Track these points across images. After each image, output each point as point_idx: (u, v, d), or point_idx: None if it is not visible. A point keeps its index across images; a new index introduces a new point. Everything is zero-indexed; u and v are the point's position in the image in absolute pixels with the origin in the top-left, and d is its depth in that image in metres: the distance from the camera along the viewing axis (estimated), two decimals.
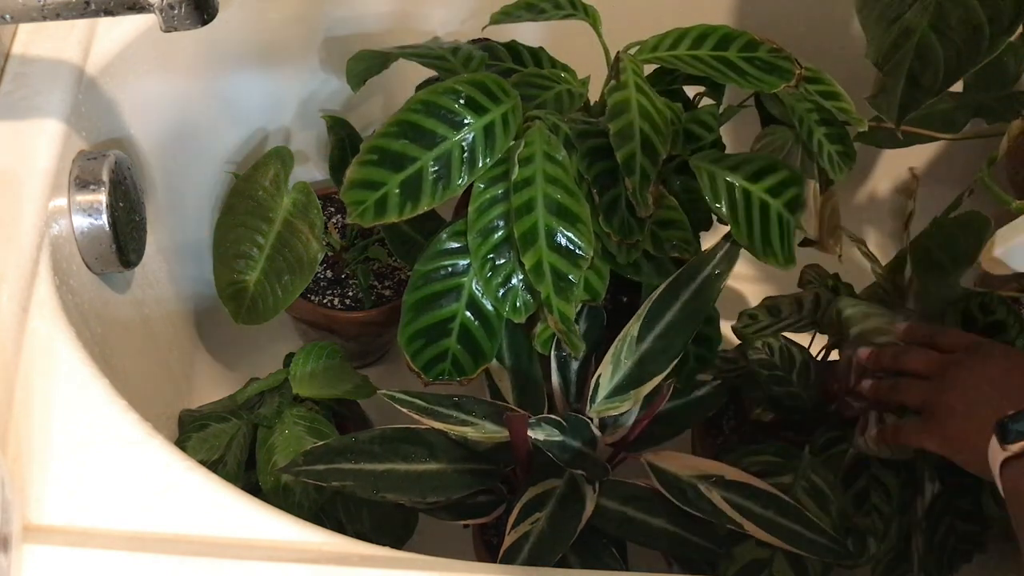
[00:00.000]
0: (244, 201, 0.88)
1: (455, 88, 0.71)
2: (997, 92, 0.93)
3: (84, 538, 0.54)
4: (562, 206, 0.72)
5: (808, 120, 0.81)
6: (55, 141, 0.69)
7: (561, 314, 0.72)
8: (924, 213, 0.85)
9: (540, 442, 0.68)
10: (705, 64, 0.77)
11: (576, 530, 0.67)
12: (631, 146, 0.73)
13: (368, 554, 0.56)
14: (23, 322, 0.61)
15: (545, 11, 0.82)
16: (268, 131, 1.04)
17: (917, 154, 1.13)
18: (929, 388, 0.69)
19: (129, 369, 0.77)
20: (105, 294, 0.75)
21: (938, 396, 0.68)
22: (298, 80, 1.02)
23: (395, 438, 0.71)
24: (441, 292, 0.73)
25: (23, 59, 0.73)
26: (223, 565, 0.53)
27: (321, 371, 0.86)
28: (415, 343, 0.73)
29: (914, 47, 0.79)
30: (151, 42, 0.83)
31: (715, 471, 0.72)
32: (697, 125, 0.83)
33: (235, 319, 0.87)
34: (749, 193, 0.78)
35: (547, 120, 0.75)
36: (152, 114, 0.86)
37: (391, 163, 0.70)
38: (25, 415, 0.58)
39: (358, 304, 0.97)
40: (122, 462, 0.57)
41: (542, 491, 0.70)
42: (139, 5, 0.57)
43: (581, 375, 0.78)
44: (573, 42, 0.88)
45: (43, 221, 0.65)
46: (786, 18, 1.05)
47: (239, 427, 0.83)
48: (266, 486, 0.79)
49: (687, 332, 0.74)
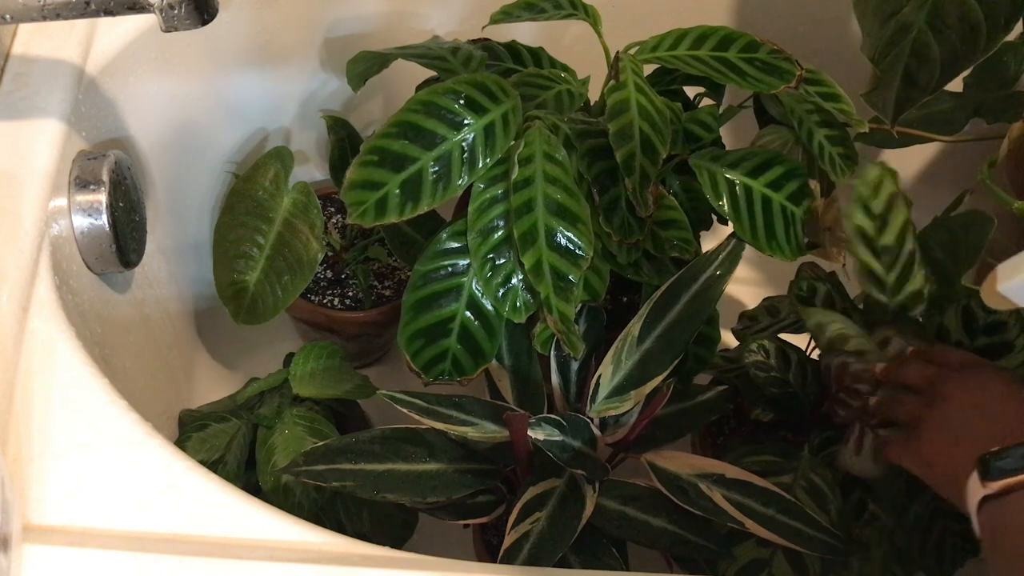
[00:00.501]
0: (244, 201, 0.88)
1: (455, 89, 0.71)
2: (997, 92, 0.93)
3: (84, 538, 0.54)
4: (562, 206, 0.72)
5: (808, 122, 0.81)
6: (55, 141, 0.69)
7: (561, 314, 0.72)
8: (924, 213, 0.85)
9: (540, 442, 0.68)
10: (705, 64, 0.77)
11: (576, 530, 0.67)
12: (631, 146, 0.73)
13: (368, 554, 0.56)
14: (23, 322, 0.61)
15: (545, 11, 0.82)
16: (268, 131, 1.04)
17: (917, 154, 1.13)
18: (918, 404, 0.66)
19: (129, 369, 0.77)
20: (105, 294, 0.75)
21: (923, 412, 0.65)
22: (298, 80, 1.02)
23: (395, 438, 0.71)
24: (441, 292, 0.74)
25: (23, 59, 0.73)
26: (223, 565, 0.53)
27: (321, 371, 0.86)
28: (415, 343, 0.73)
29: (910, 44, 0.79)
30: (151, 42, 0.83)
31: (715, 470, 0.72)
32: (697, 125, 0.83)
33: (235, 319, 0.87)
34: (750, 189, 0.78)
35: (547, 120, 0.75)
36: (152, 114, 0.86)
37: (391, 164, 0.70)
38: (25, 415, 0.58)
39: (358, 304, 0.97)
40: (122, 462, 0.57)
41: (542, 491, 0.70)
42: (139, 5, 0.57)
43: (581, 375, 0.78)
44: (573, 42, 0.88)
45: (43, 221, 0.65)
46: (786, 18, 1.05)
47: (239, 427, 0.83)
48: (266, 486, 0.79)
49: (688, 332, 0.74)
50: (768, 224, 0.77)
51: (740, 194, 0.78)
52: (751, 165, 0.78)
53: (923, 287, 0.73)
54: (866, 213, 0.72)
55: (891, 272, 0.73)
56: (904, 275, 0.73)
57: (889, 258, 0.73)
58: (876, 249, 0.73)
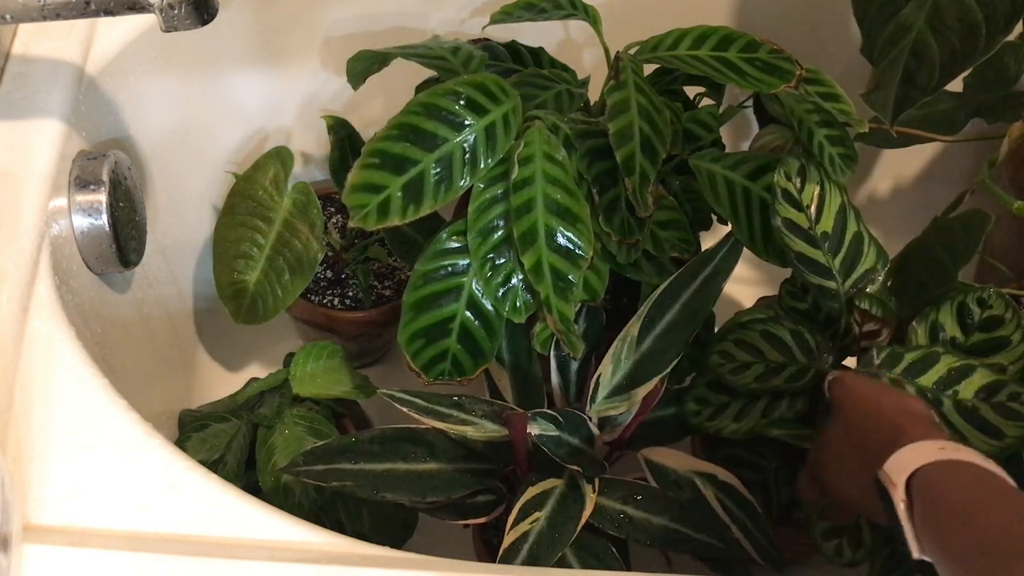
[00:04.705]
0: (244, 201, 0.88)
1: (455, 90, 0.71)
2: (997, 92, 0.93)
3: (84, 538, 0.54)
4: (562, 206, 0.72)
5: (808, 121, 0.81)
6: (55, 141, 0.69)
7: (560, 314, 0.72)
8: (924, 213, 0.85)
9: (536, 437, 0.68)
10: (705, 64, 0.77)
11: (576, 530, 0.67)
12: (631, 146, 0.73)
13: (368, 554, 0.56)
14: (23, 322, 0.61)
15: (545, 11, 0.82)
16: (268, 131, 1.04)
17: (917, 154, 1.13)
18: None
19: (129, 369, 0.77)
20: (105, 294, 0.75)
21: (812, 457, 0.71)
22: (298, 80, 1.02)
23: (395, 438, 0.72)
24: (441, 292, 0.74)
25: (23, 59, 0.73)
26: (223, 565, 0.53)
27: (321, 371, 0.86)
28: (415, 343, 0.73)
29: (910, 44, 0.79)
30: (151, 42, 0.83)
31: (709, 470, 0.73)
32: (697, 125, 0.83)
33: (235, 319, 0.87)
34: (749, 191, 0.78)
35: (547, 120, 0.75)
36: (152, 114, 0.86)
37: (393, 166, 0.69)
38: (25, 415, 0.58)
39: (358, 304, 0.97)
40: (122, 462, 0.57)
41: (541, 490, 0.70)
42: (139, 5, 0.57)
43: (581, 375, 0.78)
44: (573, 42, 0.88)
45: (43, 221, 0.66)
46: (786, 18, 1.05)
47: (239, 427, 0.83)
48: (266, 486, 0.79)
49: (687, 332, 0.74)
50: (765, 228, 0.77)
51: (739, 196, 0.78)
52: (751, 167, 0.78)
53: (876, 263, 0.75)
54: (793, 205, 0.73)
55: (836, 257, 0.74)
56: (853, 256, 0.75)
57: (832, 244, 0.74)
58: (813, 238, 0.74)
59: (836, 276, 0.74)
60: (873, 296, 0.74)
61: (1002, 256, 0.97)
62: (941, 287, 0.75)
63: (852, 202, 0.76)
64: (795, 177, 0.73)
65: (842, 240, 0.74)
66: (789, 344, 0.77)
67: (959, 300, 0.74)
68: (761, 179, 0.78)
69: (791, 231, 0.74)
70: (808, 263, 0.74)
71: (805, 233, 0.74)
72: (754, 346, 0.78)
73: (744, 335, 0.78)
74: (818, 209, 0.74)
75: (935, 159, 1.15)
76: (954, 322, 0.74)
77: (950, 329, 0.74)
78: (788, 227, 0.74)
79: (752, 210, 0.78)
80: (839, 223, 0.74)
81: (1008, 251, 0.98)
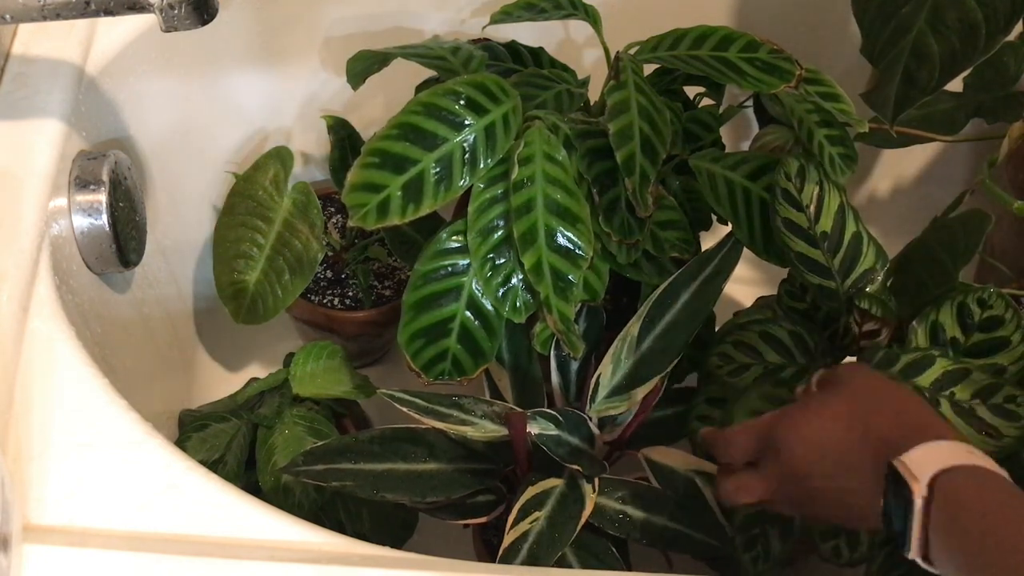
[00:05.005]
0: (244, 201, 0.88)
1: (455, 89, 0.71)
2: (997, 92, 0.93)
3: (84, 538, 0.54)
4: (562, 206, 0.72)
5: (808, 121, 0.81)
6: (55, 141, 0.69)
7: (560, 314, 0.72)
8: (924, 213, 0.85)
9: (535, 436, 0.68)
10: (705, 64, 0.77)
11: (575, 529, 0.67)
12: (631, 146, 0.73)
13: (368, 554, 0.56)
14: (23, 322, 0.61)
15: (545, 11, 0.82)
16: (268, 131, 1.04)
17: (917, 154, 1.13)
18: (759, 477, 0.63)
19: (129, 369, 0.77)
20: (105, 294, 0.75)
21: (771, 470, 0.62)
22: (298, 80, 1.02)
23: (395, 438, 0.72)
24: (441, 292, 0.74)
25: (23, 59, 0.73)
26: (223, 565, 0.53)
27: (321, 371, 0.86)
28: (415, 343, 0.73)
29: (910, 44, 0.79)
30: (151, 42, 0.83)
31: (708, 469, 0.73)
32: (697, 125, 0.83)
33: (235, 319, 0.87)
34: (749, 191, 0.78)
35: (547, 120, 0.75)
36: (152, 114, 0.87)
37: (393, 166, 0.70)
38: (25, 415, 0.58)
39: (358, 304, 0.97)
40: (122, 462, 0.57)
41: (541, 490, 0.70)
42: (139, 5, 0.57)
43: (581, 375, 0.78)
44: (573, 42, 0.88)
45: (43, 221, 0.66)
46: (786, 18, 1.05)
47: (239, 427, 0.83)
48: (266, 486, 0.79)
49: (687, 332, 0.74)
50: (765, 228, 0.77)
51: (739, 196, 0.78)
52: (751, 168, 0.78)
53: (875, 263, 0.75)
54: (793, 205, 0.73)
55: (836, 257, 0.74)
56: (852, 256, 0.74)
57: (831, 244, 0.74)
58: (812, 238, 0.73)
59: (835, 276, 0.74)
60: (872, 296, 0.74)
61: (1002, 256, 0.97)
62: (941, 287, 0.75)
63: (851, 202, 0.77)
64: (795, 177, 0.73)
65: (841, 240, 0.75)
66: (788, 345, 0.77)
67: (959, 300, 0.74)
68: (761, 179, 0.78)
69: (791, 231, 0.74)
70: (808, 263, 0.74)
71: (805, 233, 0.74)
72: (753, 347, 0.78)
73: (743, 336, 0.78)
74: (817, 209, 0.74)
75: (935, 159, 1.15)
76: (954, 322, 0.74)
77: (950, 329, 0.74)
78: (788, 227, 0.74)
79: (752, 210, 0.78)
80: (838, 223, 0.75)
81: (1008, 251, 0.98)
